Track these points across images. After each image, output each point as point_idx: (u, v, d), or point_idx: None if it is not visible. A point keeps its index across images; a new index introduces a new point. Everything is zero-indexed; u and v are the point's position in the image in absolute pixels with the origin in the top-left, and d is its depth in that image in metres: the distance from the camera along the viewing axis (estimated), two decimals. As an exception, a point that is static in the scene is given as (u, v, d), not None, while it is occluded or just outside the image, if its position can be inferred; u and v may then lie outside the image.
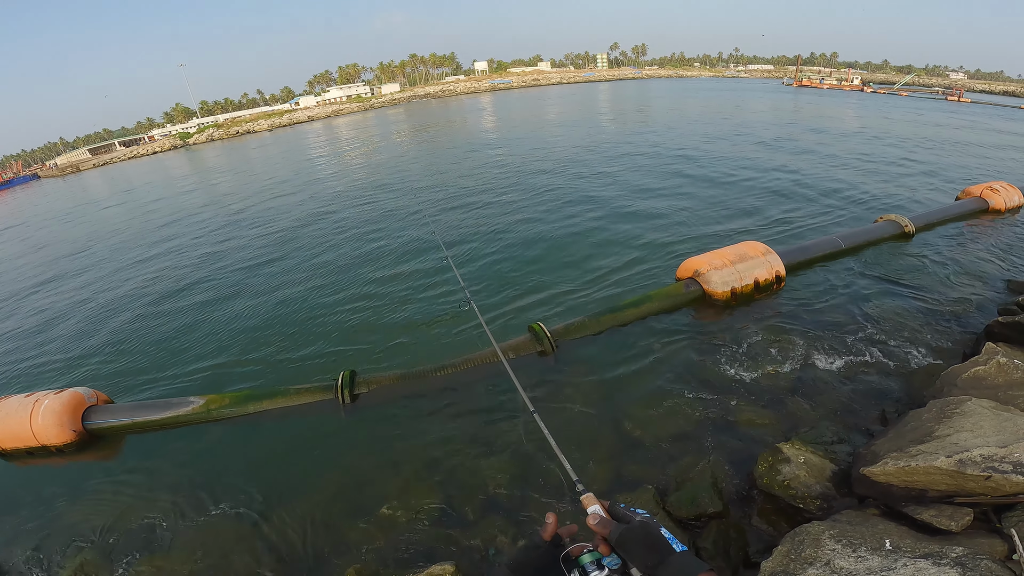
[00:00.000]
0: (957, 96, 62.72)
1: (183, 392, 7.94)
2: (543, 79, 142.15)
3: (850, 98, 62.27)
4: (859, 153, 22.77)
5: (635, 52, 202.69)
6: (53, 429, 6.89)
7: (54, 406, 6.97)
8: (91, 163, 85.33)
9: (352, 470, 6.23)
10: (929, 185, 16.96)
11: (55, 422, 6.90)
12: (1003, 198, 13.01)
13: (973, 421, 4.43)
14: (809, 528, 3.58)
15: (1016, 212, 13.13)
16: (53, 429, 6.89)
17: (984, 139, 27.71)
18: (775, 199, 15.56)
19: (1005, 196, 13.11)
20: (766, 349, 7.67)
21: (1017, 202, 13.26)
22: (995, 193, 13.09)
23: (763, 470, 5.08)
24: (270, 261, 14.21)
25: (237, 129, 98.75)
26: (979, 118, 39.58)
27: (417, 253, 13.28)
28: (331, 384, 7.34)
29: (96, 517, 5.95)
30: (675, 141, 28.20)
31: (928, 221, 12.14)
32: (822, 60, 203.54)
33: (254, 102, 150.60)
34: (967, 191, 13.84)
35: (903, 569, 2.90)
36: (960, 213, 12.81)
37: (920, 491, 4.02)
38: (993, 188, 13.25)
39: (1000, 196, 13.03)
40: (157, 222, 22.53)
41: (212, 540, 5.47)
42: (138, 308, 12.18)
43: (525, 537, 4.89)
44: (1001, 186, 13.34)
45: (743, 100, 58.87)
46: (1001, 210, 12.94)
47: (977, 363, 5.71)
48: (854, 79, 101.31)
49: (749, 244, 9.60)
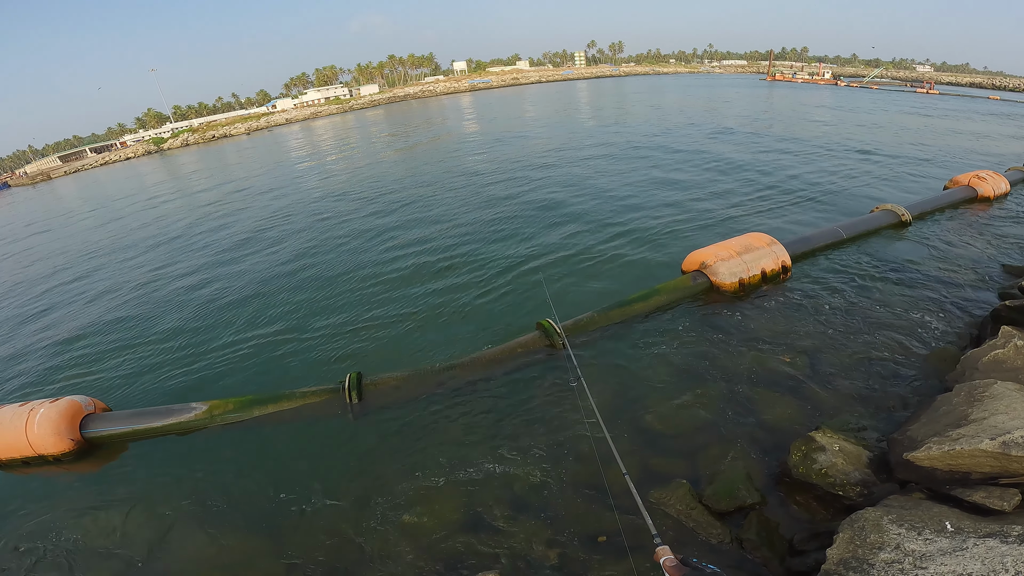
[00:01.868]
0: (926, 89, 64.38)
1: (184, 398, 7.69)
2: (522, 78, 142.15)
3: (824, 92, 63.47)
4: (845, 146, 23.25)
5: (612, 49, 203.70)
6: (50, 438, 6.66)
7: (50, 415, 6.74)
8: (62, 170, 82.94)
9: (368, 476, 6.00)
10: (916, 174, 17.45)
11: (52, 431, 6.67)
12: (991, 186, 13.48)
13: (1005, 404, 4.52)
14: (866, 514, 3.61)
15: (1004, 199, 13.60)
16: (50, 438, 6.66)
17: (962, 128, 28.54)
18: (767, 191, 15.81)
19: (992, 184, 13.56)
20: (777, 338, 7.77)
21: (1004, 189, 13.74)
22: (982, 181, 13.52)
23: (797, 459, 5.11)
24: (264, 266, 13.87)
25: (213, 133, 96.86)
26: (953, 109, 40.62)
27: (421, 253, 13.08)
28: (337, 387, 7.20)
29: (97, 528, 5.75)
30: (667, 138, 28.43)
31: (922, 210, 12.49)
32: (793, 55, 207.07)
33: (229, 106, 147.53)
34: (955, 180, 14.24)
35: (974, 548, 2.94)
36: (952, 201, 13.21)
37: (964, 474, 4.08)
38: (980, 176, 13.67)
39: (988, 184, 13.49)
40: (140, 226, 21.87)
41: (224, 554, 5.24)
42: (133, 314, 11.87)
43: (562, 543, 4.83)
44: (987, 174, 13.78)
45: (724, 95, 59.63)
46: (990, 197, 13.40)
47: (995, 347, 5.82)
48: (825, 73, 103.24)
49: (754, 235, 9.70)
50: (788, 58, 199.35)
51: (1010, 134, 26.41)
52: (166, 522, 5.71)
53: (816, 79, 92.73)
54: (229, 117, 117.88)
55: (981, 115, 36.00)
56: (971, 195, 13.49)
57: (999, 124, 30.75)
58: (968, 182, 13.75)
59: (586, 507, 5.18)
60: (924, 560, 3.13)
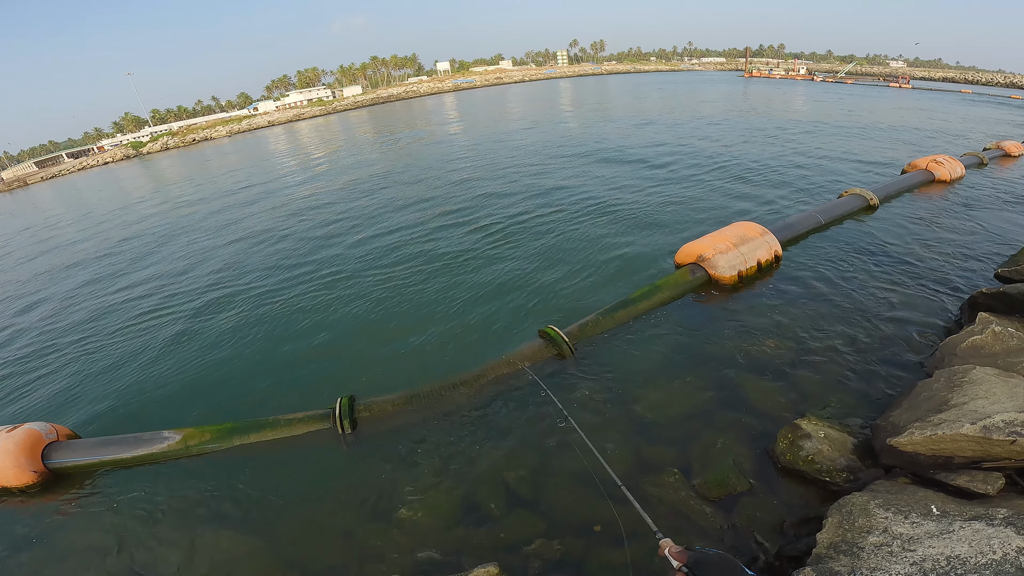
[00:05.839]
0: (900, 83, 65.73)
1: (156, 425, 7.11)
2: (505, 77, 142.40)
3: (799, 86, 64.55)
4: (813, 134, 23.93)
5: (594, 48, 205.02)
6: (11, 471, 6.30)
7: (7, 446, 6.36)
8: (39, 176, 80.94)
9: (362, 479, 5.90)
10: (878, 158, 18.37)
11: (12, 463, 6.30)
12: (947, 170, 14.27)
13: (985, 388, 4.63)
14: (853, 499, 3.68)
15: (959, 182, 14.38)
16: (11, 471, 6.30)
17: (932, 117, 29.39)
18: (745, 182, 16.13)
19: (949, 168, 14.34)
20: (766, 327, 7.90)
21: (959, 173, 14.53)
22: (939, 166, 14.30)
23: (784, 446, 5.21)
24: (245, 277, 13.25)
25: (194, 136, 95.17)
26: (926, 101, 41.53)
27: (404, 260, 12.68)
28: (327, 412, 6.72)
29: (72, 561, 5.40)
30: (650, 138, 28.63)
31: (887, 193, 13.10)
32: (771, 52, 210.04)
33: (209, 109, 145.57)
34: (913, 164, 15.00)
35: (960, 531, 3.02)
36: (912, 184, 13.91)
37: (946, 459, 4.18)
38: (937, 161, 14.40)
39: (944, 168, 14.28)
40: (109, 236, 21.32)
41: (218, 560, 5.17)
42: (94, 330, 11.20)
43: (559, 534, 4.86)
44: (944, 159, 14.54)
45: (704, 91, 60.26)
46: (947, 181, 14.17)
47: (973, 333, 5.98)
48: (800, 69, 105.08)
49: (745, 225, 9.80)
50: (765, 55, 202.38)
51: (977, 122, 27.36)
52: (146, 555, 5.39)
53: (792, 75, 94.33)
54: (210, 120, 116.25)
55: (949, 105, 37.01)
56: (929, 178, 14.27)
57: (966, 114, 31.71)
58: (926, 166, 14.53)
59: (581, 498, 5.20)
60: (912, 543, 3.20)
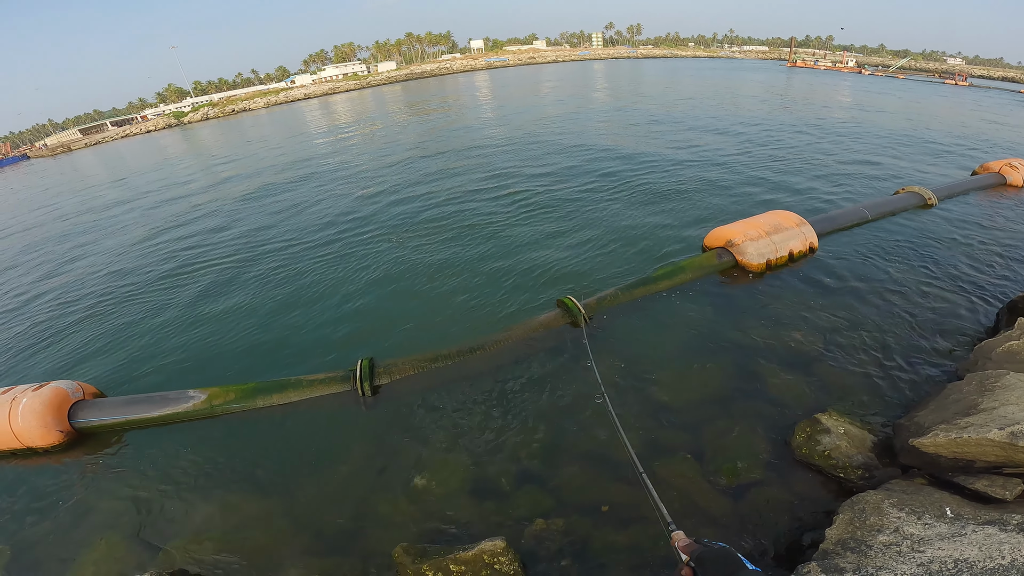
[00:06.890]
0: (955, 80, 62.42)
1: (181, 384, 7.22)
2: (539, 57, 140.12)
3: (847, 79, 61.93)
4: (869, 130, 22.85)
5: (630, 32, 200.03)
6: (37, 431, 6.24)
7: (34, 405, 6.28)
8: (82, 143, 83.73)
9: (378, 445, 6.02)
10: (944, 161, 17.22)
11: (38, 423, 6.23)
12: (1022, 175, 13.20)
13: (1017, 395, 4.47)
14: (867, 497, 3.62)
15: None
16: (37, 431, 6.24)
17: (996, 120, 27.86)
18: (790, 172, 15.59)
19: None
20: (794, 317, 7.73)
21: None
22: (1014, 170, 13.31)
23: (801, 440, 5.13)
24: (270, 244, 13.50)
25: (233, 107, 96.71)
26: (985, 101, 39.51)
27: (432, 229, 12.85)
28: (347, 374, 6.88)
29: (97, 520, 5.50)
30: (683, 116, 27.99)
31: (948, 193, 12.34)
32: (817, 43, 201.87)
33: (248, 81, 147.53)
34: (985, 166, 14.03)
35: (972, 535, 2.94)
36: (978, 186, 13.01)
37: (968, 462, 4.06)
38: (1012, 165, 13.45)
39: (1019, 172, 13.23)
40: (145, 200, 22.02)
41: (235, 521, 5.28)
42: (124, 290, 11.49)
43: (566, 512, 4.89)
44: (1020, 163, 13.48)
45: (742, 80, 58.36)
46: (1019, 186, 13.10)
47: (1011, 338, 5.74)
48: (849, 61, 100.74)
49: (782, 214, 9.56)
50: (812, 46, 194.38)
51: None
52: (174, 511, 5.53)
53: (839, 67, 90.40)
54: (249, 92, 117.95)
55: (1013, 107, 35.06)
56: (1000, 182, 13.27)
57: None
58: (999, 169, 13.51)
59: (591, 477, 5.22)
60: (922, 544, 3.14)
